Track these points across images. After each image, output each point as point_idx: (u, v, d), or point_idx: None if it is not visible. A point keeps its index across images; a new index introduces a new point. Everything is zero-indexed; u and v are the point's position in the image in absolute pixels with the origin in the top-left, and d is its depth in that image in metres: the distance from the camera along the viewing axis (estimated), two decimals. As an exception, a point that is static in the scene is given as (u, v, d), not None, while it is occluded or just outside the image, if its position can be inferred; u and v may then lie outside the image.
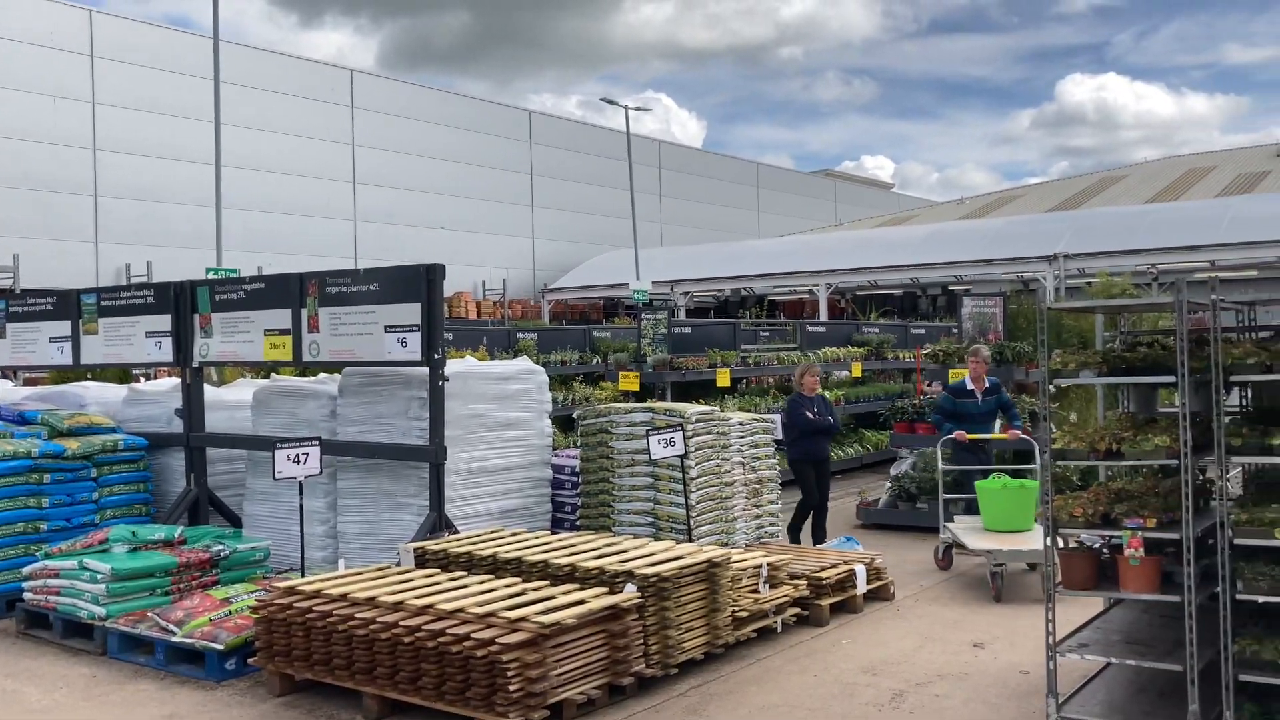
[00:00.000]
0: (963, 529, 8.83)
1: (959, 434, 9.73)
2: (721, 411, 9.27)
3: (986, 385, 10.11)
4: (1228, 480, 5.03)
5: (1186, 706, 4.86)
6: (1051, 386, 5.47)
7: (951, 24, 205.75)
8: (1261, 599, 4.82)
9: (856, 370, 16.88)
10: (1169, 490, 5.23)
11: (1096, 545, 5.48)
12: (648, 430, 8.09)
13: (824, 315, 30.42)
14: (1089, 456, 5.19)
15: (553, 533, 8.06)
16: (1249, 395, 6.14)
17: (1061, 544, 5.41)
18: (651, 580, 6.19)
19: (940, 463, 9.59)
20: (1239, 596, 4.84)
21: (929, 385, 15.11)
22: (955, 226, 33.81)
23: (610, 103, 32.53)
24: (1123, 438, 5.14)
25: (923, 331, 20.52)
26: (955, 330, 14.64)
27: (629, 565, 6.32)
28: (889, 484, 11.41)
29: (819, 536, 9.84)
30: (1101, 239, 26.99)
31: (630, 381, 13.51)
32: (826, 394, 11.68)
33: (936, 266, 29.76)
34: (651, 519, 8.41)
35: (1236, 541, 4.85)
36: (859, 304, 33.83)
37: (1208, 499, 5.31)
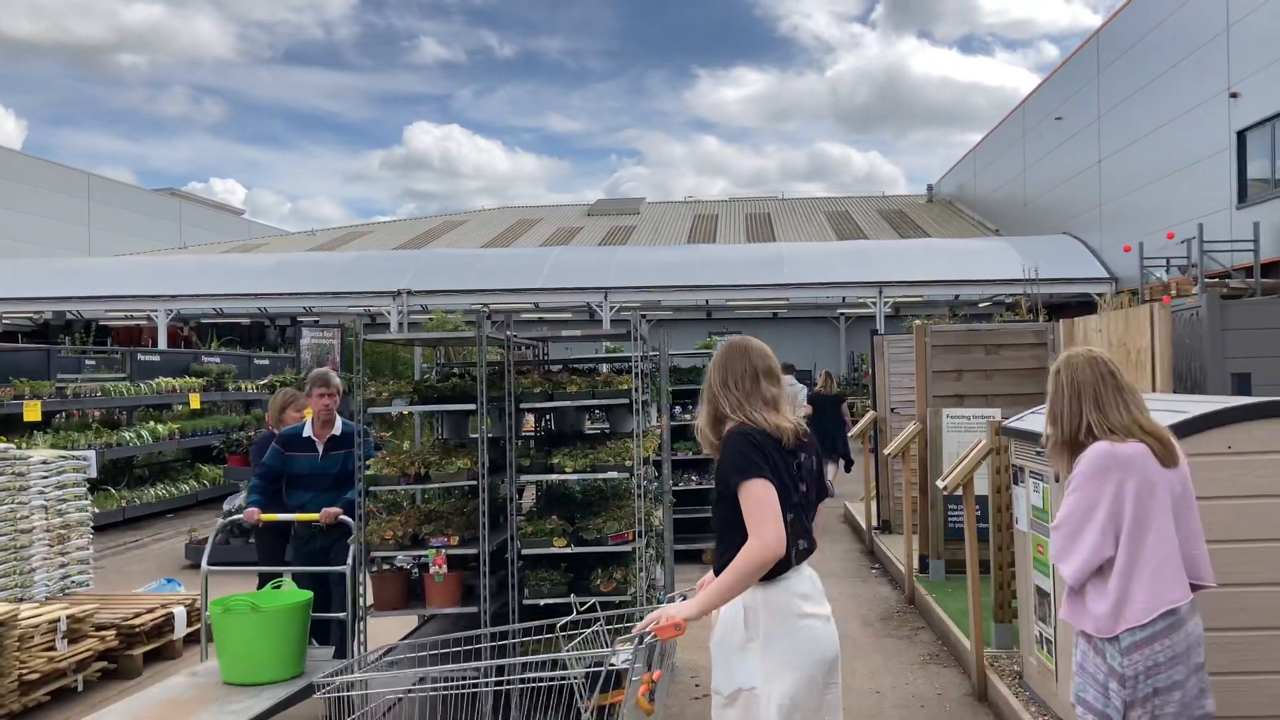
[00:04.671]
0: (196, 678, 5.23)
1: (249, 512, 6.32)
2: (21, 449, 8.16)
3: (338, 432, 6.55)
4: (520, 497, 5.61)
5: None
6: (390, 415, 5.66)
7: (306, 57, 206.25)
8: (544, 601, 5.44)
9: (195, 402, 15.99)
10: (473, 509, 5.69)
11: (409, 565, 5.76)
12: (-84, 472, 6.84)
13: (163, 343, 28.41)
14: (400, 481, 5.46)
15: None
16: (550, 420, 6.93)
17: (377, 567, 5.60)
18: (-93, 651, 5.21)
19: (205, 562, 6.03)
20: (525, 601, 5.41)
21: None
22: (306, 258, 33.73)
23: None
24: (431, 461, 5.48)
25: (267, 362, 20.16)
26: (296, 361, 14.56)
27: (-124, 636, 5.26)
28: (221, 519, 10.91)
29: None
30: (443, 278, 28.85)
31: (-96, 416, 11.34)
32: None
33: (286, 296, 29.43)
34: (-80, 578, 7.10)
35: (525, 551, 5.43)
36: (202, 332, 32.22)
37: (508, 515, 5.88)
